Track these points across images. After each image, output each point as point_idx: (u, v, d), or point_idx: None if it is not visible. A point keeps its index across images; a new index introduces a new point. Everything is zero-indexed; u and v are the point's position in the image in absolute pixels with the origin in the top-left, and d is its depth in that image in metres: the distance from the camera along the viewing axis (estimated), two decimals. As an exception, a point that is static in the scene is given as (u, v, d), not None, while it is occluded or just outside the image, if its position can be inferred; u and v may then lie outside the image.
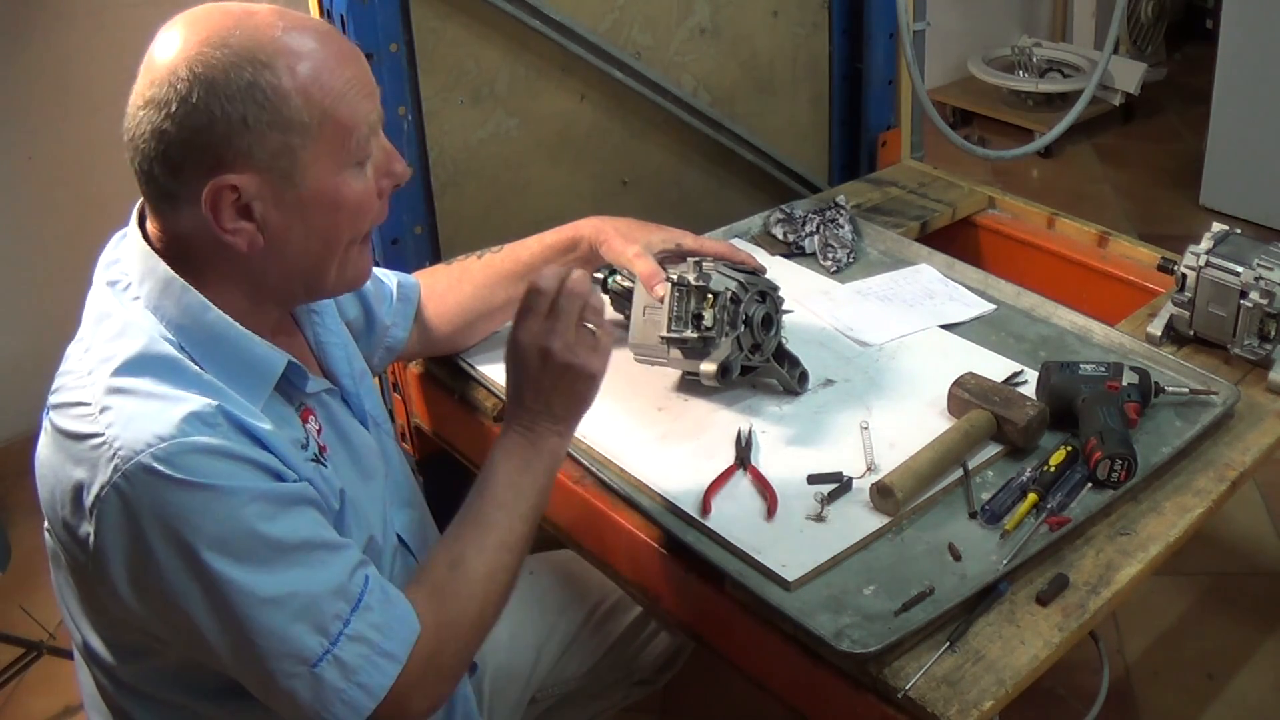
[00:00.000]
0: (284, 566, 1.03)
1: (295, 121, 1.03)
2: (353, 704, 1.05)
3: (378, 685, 1.06)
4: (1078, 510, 1.33)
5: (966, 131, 4.16)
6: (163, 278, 1.08)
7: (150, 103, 1.02)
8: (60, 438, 1.04)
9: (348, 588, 1.06)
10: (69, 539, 1.05)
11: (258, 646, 1.02)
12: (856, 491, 1.37)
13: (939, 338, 1.69)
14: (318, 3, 1.65)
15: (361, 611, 1.06)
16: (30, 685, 2.16)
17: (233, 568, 1.00)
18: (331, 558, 1.07)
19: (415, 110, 1.74)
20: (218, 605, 1.01)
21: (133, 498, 0.99)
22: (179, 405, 1.01)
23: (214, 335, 1.08)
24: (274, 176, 1.04)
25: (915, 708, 1.13)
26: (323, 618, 1.04)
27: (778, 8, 2.16)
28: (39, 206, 2.62)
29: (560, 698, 1.59)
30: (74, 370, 1.07)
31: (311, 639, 1.03)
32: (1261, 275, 1.53)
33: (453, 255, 1.86)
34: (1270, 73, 3.45)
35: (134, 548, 1.00)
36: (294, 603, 1.03)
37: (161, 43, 1.03)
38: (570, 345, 1.20)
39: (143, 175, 1.05)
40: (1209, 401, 1.50)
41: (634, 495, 1.38)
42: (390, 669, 1.07)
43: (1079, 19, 4.57)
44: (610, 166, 2.05)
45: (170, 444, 0.99)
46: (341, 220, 1.09)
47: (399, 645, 1.08)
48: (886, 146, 2.33)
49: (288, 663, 1.03)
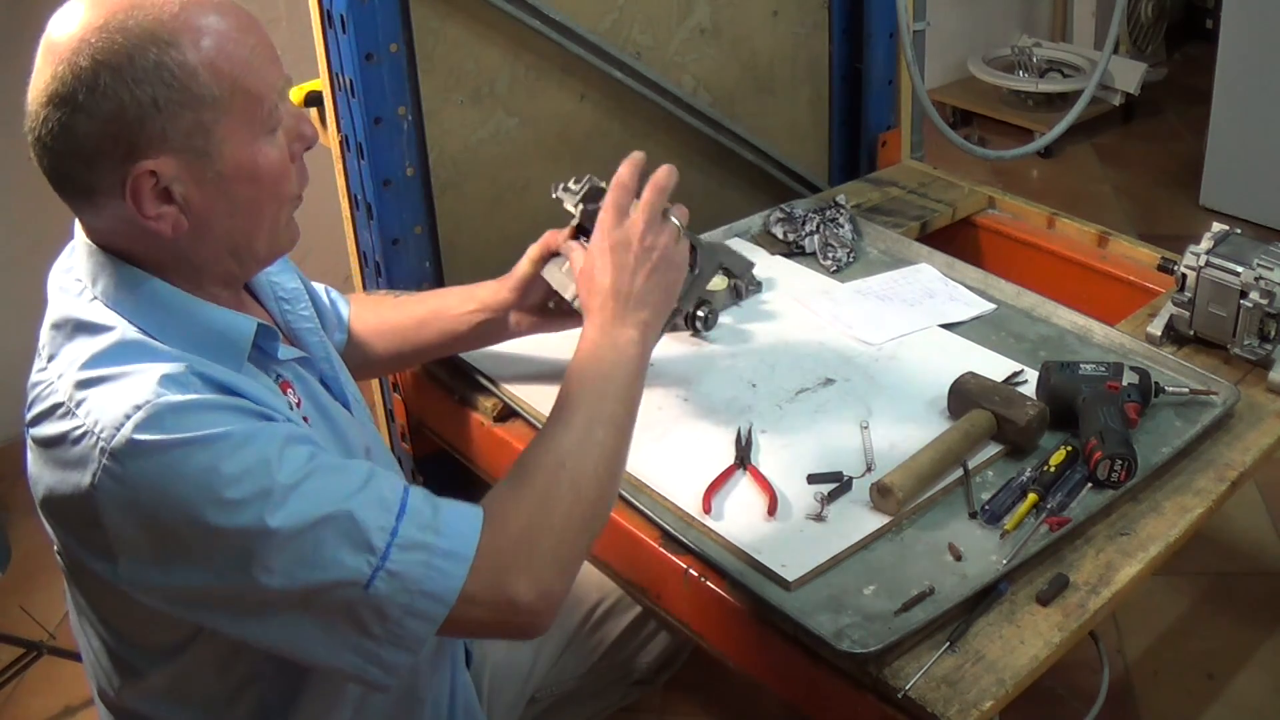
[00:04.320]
0: (299, 498, 0.98)
1: (206, 97, 1.01)
2: (423, 614, 1.01)
3: (446, 589, 1.01)
4: (1078, 510, 1.33)
5: (966, 131, 4.15)
6: (115, 270, 1.06)
7: (54, 98, 0.99)
8: (44, 449, 1.02)
9: (385, 497, 1.01)
10: (84, 549, 1.03)
11: (301, 588, 0.97)
12: (856, 491, 1.37)
13: (939, 337, 1.69)
14: (318, 3, 1.65)
15: (408, 516, 1.01)
16: (30, 685, 2.16)
17: (247, 514, 0.96)
18: (351, 475, 1.02)
19: (415, 110, 1.74)
20: (247, 560, 0.96)
21: (127, 475, 0.96)
22: (149, 372, 0.99)
23: (179, 314, 1.06)
24: (190, 156, 1.01)
25: (915, 708, 1.13)
26: (363, 533, 0.99)
27: (778, 8, 2.16)
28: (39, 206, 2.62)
29: (559, 697, 1.59)
30: (42, 380, 1.04)
31: (355, 559, 0.98)
32: (1261, 275, 1.53)
33: (453, 255, 1.87)
34: (1270, 73, 3.45)
35: (146, 527, 0.97)
36: (325, 528, 0.98)
37: (58, 30, 1.00)
38: (658, 235, 1.26)
39: (56, 176, 1.03)
40: (1209, 401, 1.50)
41: (633, 495, 1.38)
42: (456, 569, 1.01)
43: (1079, 19, 4.56)
44: (610, 166, 2.02)
45: (148, 408, 0.96)
46: (263, 190, 1.07)
47: (461, 542, 1.02)
48: (886, 146, 2.33)
49: (338, 595, 0.98)
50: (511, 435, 1.56)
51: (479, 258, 1.91)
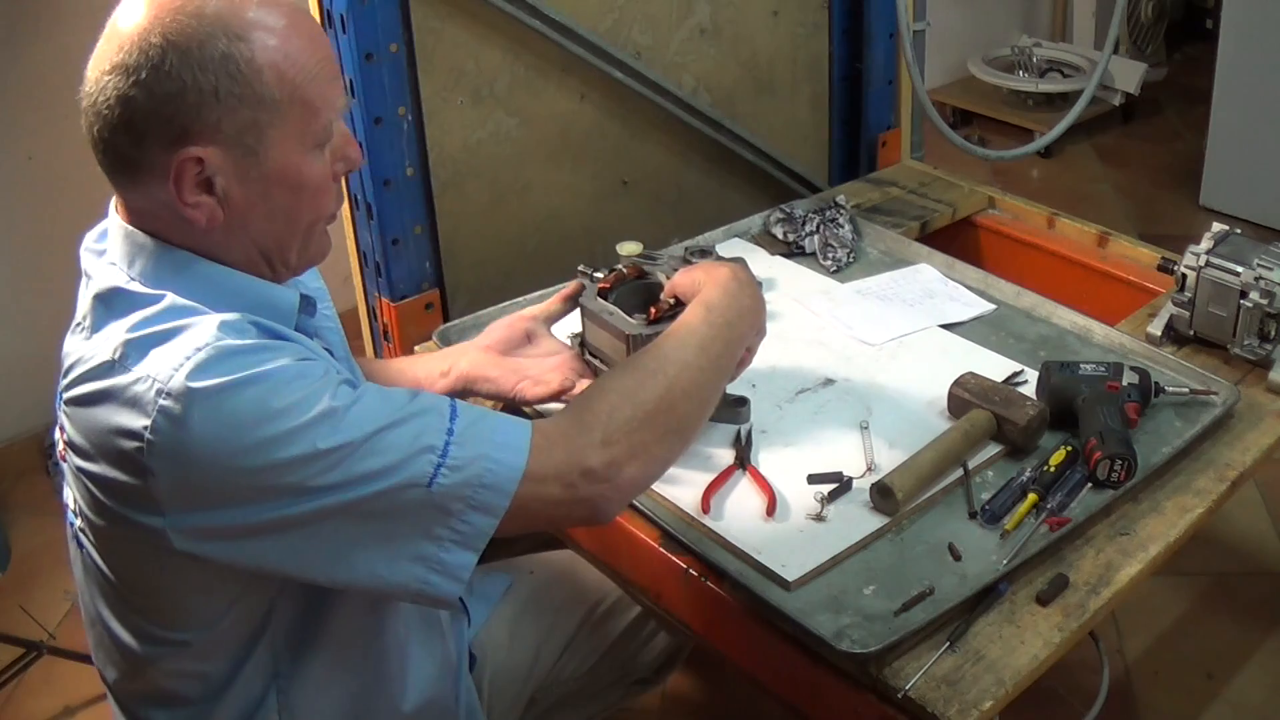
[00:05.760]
0: (353, 418, 1.00)
1: (266, 97, 1.01)
2: (486, 507, 1.03)
3: (506, 479, 1.03)
4: (1078, 510, 1.33)
5: (966, 131, 4.15)
6: (154, 251, 1.06)
7: (118, 68, 0.99)
8: (88, 408, 1.01)
9: (436, 404, 1.04)
10: (128, 505, 1.01)
11: (363, 501, 0.99)
12: (856, 491, 1.37)
13: (939, 337, 1.69)
14: (318, 3, 1.65)
15: (460, 415, 1.04)
16: (30, 685, 2.16)
17: (306, 439, 0.97)
18: (397, 395, 1.04)
19: (415, 110, 1.74)
20: (306, 483, 0.98)
21: (185, 416, 0.96)
22: (207, 321, 1.00)
23: (224, 285, 1.06)
24: (239, 152, 1.02)
25: (915, 708, 1.13)
26: (421, 436, 1.01)
27: (778, 8, 2.16)
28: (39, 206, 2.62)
29: (560, 697, 1.59)
30: (83, 350, 1.04)
31: (419, 460, 1.00)
32: (1261, 275, 1.53)
33: (452, 256, 1.87)
34: (1270, 73, 3.45)
35: (206, 470, 0.97)
36: (382, 438, 0.99)
37: (129, 10, 1.01)
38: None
39: (101, 143, 1.02)
40: (1209, 401, 1.50)
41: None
42: (514, 459, 1.04)
43: (1079, 19, 4.56)
44: (610, 166, 2.05)
45: (208, 350, 0.97)
46: (303, 200, 1.08)
47: (515, 432, 1.05)
48: (886, 146, 2.33)
49: (401, 499, 1.00)
50: (511, 435, 1.55)
51: (479, 258, 1.91)
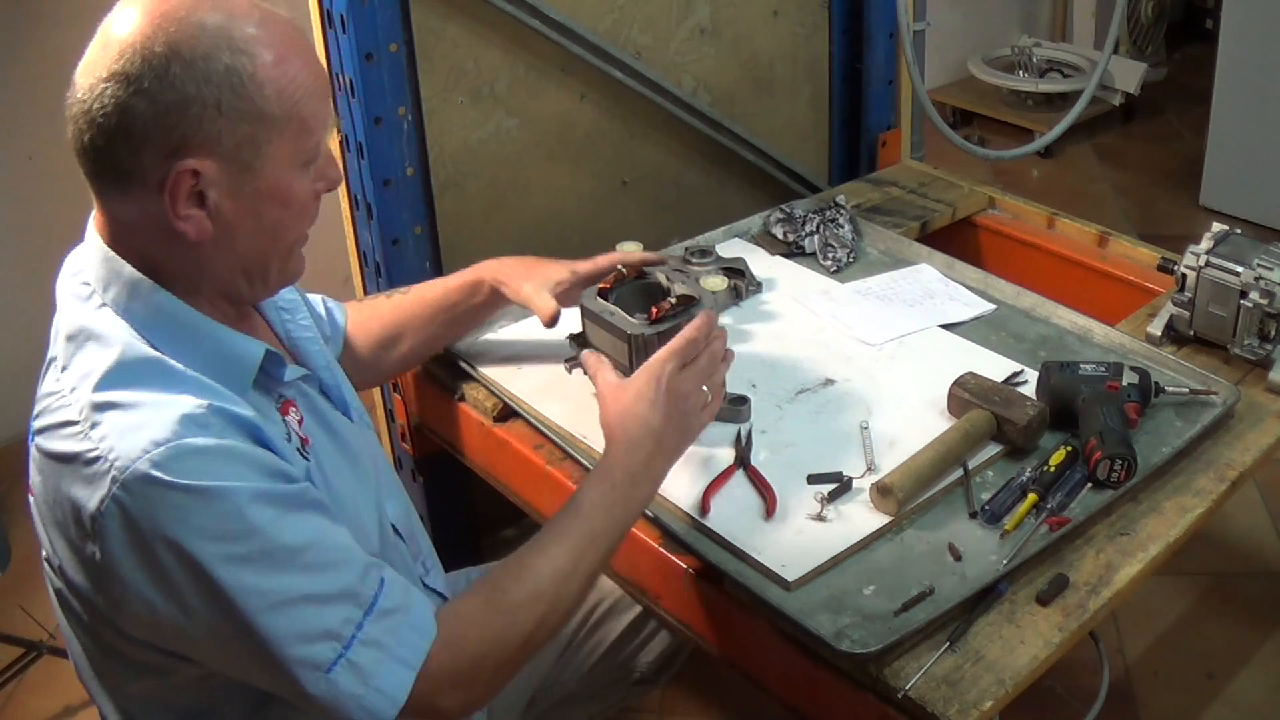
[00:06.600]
0: (292, 570, 1.01)
1: (266, 113, 1.02)
2: (372, 709, 1.03)
3: (396, 689, 1.04)
4: (1078, 510, 1.33)
5: (966, 131, 4.15)
6: (129, 280, 1.05)
7: (116, 75, 0.97)
8: (52, 462, 1.02)
9: (360, 591, 1.04)
10: (75, 564, 1.03)
11: (272, 652, 1.00)
12: (856, 491, 1.37)
13: (939, 338, 1.69)
14: (318, 3, 1.65)
15: (375, 616, 1.04)
16: (30, 685, 2.16)
17: (239, 572, 0.98)
18: (341, 560, 1.05)
19: (415, 110, 1.74)
20: (229, 612, 0.99)
21: (134, 508, 0.97)
22: (170, 408, 1.00)
23: (188, 331, 1.06)
24: (235, 166, 1.02)
25: (915, 708, 1.13)
26: (334, 622, 1.02)
27: (778, 8, 2.16)
28: (39, 206, 2.62)
29: (559, 698, 1.59)
30: (54, 391, 1.04)
31: (323, 644, 1.02)
32: (1261, 275, 1.53)
33: (452, 256, 1.87)
34: (1270, 73, 3.44)
35: (141, 559, 0.99)
36: (304, 607, 1.01)
37: (125, 18, 0.99)
38: (700, 396, 1.26)
39: (93, 151, 1.00)
40: (1209, 401, 1.50)
41: (634, 495, 1.38)
42: (405, 675, 1.05)
43: (1079, 19, 4.56)
44: (610, 166, 2.05)
45: (167, 448, 0.97)
46: (290, 217, 1.08)
47: (412, 651, 1.06)
48: (886, 147, 2.33)
49: (303, 668, 1.01)
50: (511, 435, 1.56)
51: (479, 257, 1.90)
